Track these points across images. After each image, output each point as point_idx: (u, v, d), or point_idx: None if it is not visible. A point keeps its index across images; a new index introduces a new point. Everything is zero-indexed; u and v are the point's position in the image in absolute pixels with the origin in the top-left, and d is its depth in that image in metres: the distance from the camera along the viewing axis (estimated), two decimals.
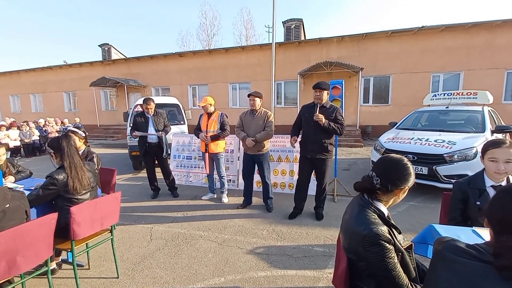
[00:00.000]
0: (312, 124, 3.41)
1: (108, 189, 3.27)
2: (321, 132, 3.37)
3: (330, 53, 12.88)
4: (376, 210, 1.26)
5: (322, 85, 3.39)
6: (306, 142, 3.55)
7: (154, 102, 4.63)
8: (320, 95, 3.41)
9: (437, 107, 5.84)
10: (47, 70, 19.41)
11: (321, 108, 3.43)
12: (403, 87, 12.19)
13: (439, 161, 4.14)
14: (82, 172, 2.23)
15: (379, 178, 1.26)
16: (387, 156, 1.35)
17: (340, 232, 1.41)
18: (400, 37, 11.93)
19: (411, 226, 3.34)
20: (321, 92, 3.39)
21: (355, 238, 1.21)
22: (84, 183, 2.22)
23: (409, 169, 1.27)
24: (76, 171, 2.19)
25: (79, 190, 2.19)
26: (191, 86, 15.90)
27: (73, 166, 2.18)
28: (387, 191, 1.26)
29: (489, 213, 0.84)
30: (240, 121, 4.01)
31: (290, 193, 4.64)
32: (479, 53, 11.18)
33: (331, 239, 3.02)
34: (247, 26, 29.88)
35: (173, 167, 5.57)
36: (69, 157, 2.19)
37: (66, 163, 2.17)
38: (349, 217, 1.32)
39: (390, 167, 1.29)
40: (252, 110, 3.90)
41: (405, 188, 1.28)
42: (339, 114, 3.40)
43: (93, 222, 2.11)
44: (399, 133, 5.19)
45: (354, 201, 1.38)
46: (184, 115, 7.22)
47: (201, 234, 3.21)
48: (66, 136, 2.30)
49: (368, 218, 1.21)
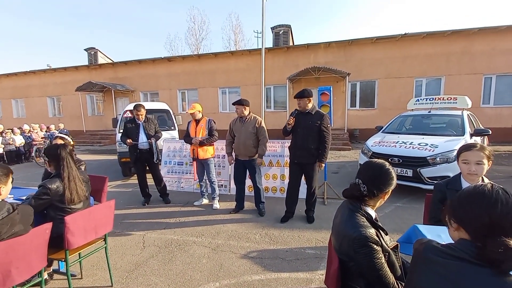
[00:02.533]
0: (300, 130, 3.52)
1: (100, 197, 3.25)
2: (309, 139, 3.48)
3: (317, 59, 13.17)
4: (364, 214, 1.35)
5: (302, 94, 3.50)
6: (295, 148, 3.66)
7: (144, 108, 4.63)
8: (302, 104, 3.53)
9: (420, 112, 6.10)
10: (30, 74, 18.85)
11: (306, 115, 3.54)
12: (388, 91, 12.60)
13: (422, 164, 4.33)
14: (79, 183, 2.23)
15: (366, 185, 1.35)
16: (370, 163, 1.44)
17: (332, 235, 1.49)
18: (384, 43, 12.36)
19: (397, 227, 3.47)
20: (301, 100, 3.51)
21: (346, 240, 1.29)
22: (81, 194, 2.23)
23: (391, 173, 1.38)
24: (74, 182, 2.19)
25: (75, 201, 2.19)
26: (180, 90, 15.84)
27: (71, 177, 2.18)
28: (373, 196, 1.36)
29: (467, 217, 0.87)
30: (230, 130, 4.07)
31: (281, 197, 4.72)
32: (458, 59, 11.73)
33: (322, 241, 3.11)
34: (236, 31, 30.09)
35: (164, 173, 5.55)
36: (68, 168, 2.18)
37: (65, 174, 2.16)
38: (340, 221, 1.40)
39: (374, 174, 1.38)
40: (241, 117, 3.98)
41: (389, 191, 1.38)
42: (325, 122, 3.47)
43: (87, 231, 2.11)
44: (385, 137, 5.38)
45: (344, 205, 1.46)
46: (174, 121, 7.21)
47: (195, 240, 3.23)
48: (64, 145, 2.29)
49: (358, 222, 1.30)
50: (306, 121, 3.52)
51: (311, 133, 3.49)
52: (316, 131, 3.47)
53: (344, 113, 12.59)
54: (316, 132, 3.47)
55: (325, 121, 3.47)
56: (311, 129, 3.48)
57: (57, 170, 2.20)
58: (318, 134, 3.47)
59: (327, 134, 3.45)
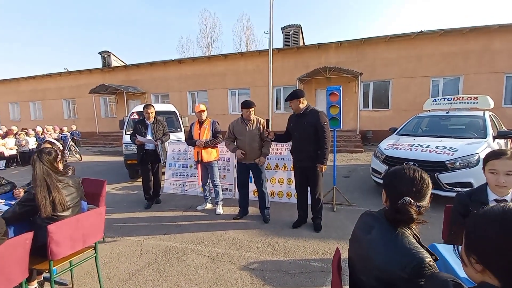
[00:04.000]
0: (296, 133, 3.37)
1: (98, 202, 3.16)
2: (306, 141, 3.29)
3: (329, 59, 12.85)
4: (414, 234, 1.07)
5: (291, 96, 3.32)
6: (295, 153, 3.50)
7: (154, 108, 4.60)
8: (293, 106, 3.37)
9: (438, 112, 5.73)
10: (47, 77, 19.46)
11: (301, 116, 3.35)
12: (402, 91, 12.12)
13: (440, 169, 4.01)
14: (55, 193, 1.98)
15: (419, 203, 1.08)
16: (414, 173, 1.13)
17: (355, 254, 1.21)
18: (398, 42, 11.91)
19: None
20: (292, 102, 3.34)
21: (397, 269, 1.00)
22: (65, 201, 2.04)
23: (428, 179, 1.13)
24: (44, 194, 1.93)
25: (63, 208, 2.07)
26: (190, 92, 15.88)
27: (40, 189, 1.92)
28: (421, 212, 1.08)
29: (496, 258, 0.65)
30: (229, 132, 3.88)
31: (288, 202, 4.52)
32: (477, 58, 11.14)
33: (329, 253, 2.88)
34: (247, 33, 30.08)
35: (168, 176, 5.46)
36: (37, 179, 1.93)
37: (33, 184, 1.94)
38: (380, 242, 1.10)
39: (422, 187, 1.10)
40: (244, 118, 3.80)
41: None
42: (321, 119, 3.21)
43: (73, 240, 1.99)
44: (399, 139, 5.07)
45: (377, 223, 1.16)
46: (181, 122, 7.13)
47: (194, 248, 3.07)
48: (40, 152, 2.05)
49: (412, 246, 1.02)
50: (300, 123, 3.33)
51: (307, 134, 3.28)
52: (313, 132, 3.24)
53: (356, 114, 12.20)
54: (313, 132, 3.25)
55: (321, 119, 3.23)
56: (307, 130, 3.27)
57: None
58: (315, 134, 3.24)
59: (325, 133, 3.19)
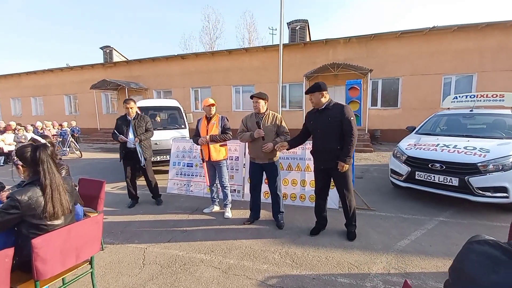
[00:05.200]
0: (319, 131, 3.01)
1: (96, 204, 2.85)
2: (331, 139, 2.93)
3: (336, 55, 12.47)
4: None
5: (313, 88, 2.96)
6: (317, 153, 3.13)
7: (135, 102, 4.33)
8: (314, 99, 3.00)
9: (460, 110, 5.36)
10: (48, 73, 19.19)
11: (323, 111, 3.00)
12: (413, 90, 11.72)
13: (472, 171, 3.65)
14: (63, 193, 1.80)
15: None
16: None
17: None
18: (409, 38, 11.49)
19: (447, 249, 2.85)
20: (313, 95, 2.98)
21: None
22: (65, 206, 1.79)
23: None
24: (58, 191, 1.76)
25: (59, 215, 1.76)
26: (193, 89, 15.54)
27: (54, 186, 1.75)
28: None
29: None
30: (243, 126, 3.55)
31: (301, 205, 4.19)
32: (493, 55, 10.72)
33: (356, 267, 2.55)
34: (250, 29, 29.66)
35: (172, 175, 5.14)
36: (49, 174, 1.75)
37: (46, 182, 1.73)
38: None
39: None
40: (257, 113, 3.46)
41: None
42: (348, 113, 2.86)
43: (64, 255, 1.67)
44: (420, 139, 4.71)
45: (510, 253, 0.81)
46: (185, 119, 6.80)
47: (203, 258, 2.75)
48: (44, 146, 1.86)
49: None
50: (324, 119, 2.97)
51: (332, 131, 2.92)
52: (338, 128, 2.89)
53: (365, 113, 11.80)
54: (338, 128, 2.90)
55: (348, 113, 2.87)
56: (332, 127, 2.92)
57: (34, 177, 1.77)
58: (341, 131, 2.90)
59: (352, 129, 2.84)
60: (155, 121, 6.87)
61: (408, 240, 3.07)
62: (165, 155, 5.98)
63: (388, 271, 2.47)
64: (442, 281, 2.31)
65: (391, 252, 2.81)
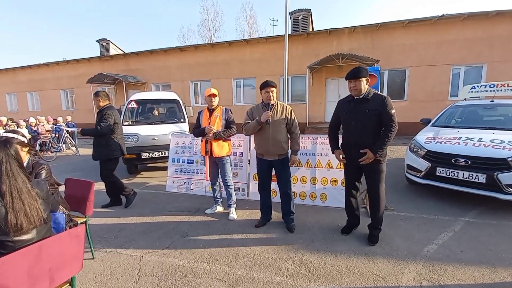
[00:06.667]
0: (353, 123, 2.65)
1: (84, 208, 2.51)
2: (367, 132, 2.59)
3: (341, 46, 12.02)
4: None
5: (357, 73, 2.59)
6: (349, 146, 2.80)
7: (104, 95, 3.96)
8: (358, 86, 2.61)
9: (480, 101, 5.00)
10: (44, 67, 18.70)
11: (361, 101, 2.64)
12: (420, 81, 11.32)
13: (501, 167, 3.30)
14: (30, 200, 1.44)
15: None
16: None
17: None
18: (417, 27, 11.04)
19: (480, 255, 2.52)
20: (356, 81, 2.60)
21: None
22: (33, 216, 1.43)
23: None
24: (21, 200, 1.40)
25: (25, 229, 1.41)
26: (192, 82, 15.12)
27: (15, 193, 1.39)
28: None
29: None
30: (248, 118, 3.17)
31: (312, 205, 3.86)
32: (503, 44, 10.31)
33: (383, 278, 2.22)
34: (250, 22, 29.08)
35: (171, 173, 4.80)
36: (9, 177, 1.41)
37: (4, 188, 1.38)
38: None
39: None
40: (266, 104, 3.09)
41: None
42: (389, 106, 2.54)
43: (34, 279, 1.33)
44: (439, 132, 4.36)
45: None
46: (184, 112, 6.43)
47: (206, 269, 2.42)
48: (5, 143, 1.52)
49: None
50: (360, 110, 2.63)
51: (369, 125, 2.60)
52: (376, 122, 2.58)
53: None
54: (376, 122, 2.58)
55: (389, 106, 2.53)
56: (369, 120, 2.59)
57: None
58: (379, 125, 2.57)
59: (392, 124, 2.51)
60: (152, 115, 6.50)
61: (436, 245, 2.74)
62: (163, 151, 5.63)
63: (420, 284, 2.14)
64: None
65: (419, 259, 2.48)
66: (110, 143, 3.87)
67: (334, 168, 3.84)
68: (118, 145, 3.96)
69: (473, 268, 2.33)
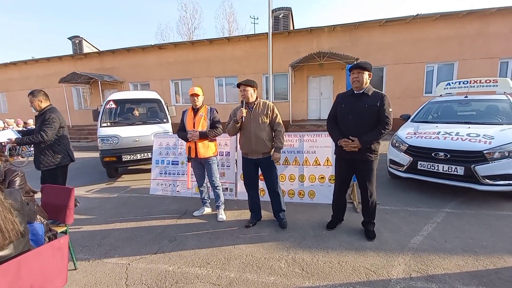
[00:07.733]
0: (351, 117, 2.67)
1: (64, 216, 2.35)
2: (363, 128, 2.62)
3: (321, 44, 12.20)
4: None
5: (363, 64, 2.62)
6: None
7: (44, 95, 3.61)
8: (360, 78, 2.62)
9: (455, 97, 5.25)
10: (11, 66, 17.47)
11: (361, 96, 2.67)
12: (396, 78, 11.74)
13: (478, 159, 3.48)
14: (4, 213, 1.29)
15: None
16: None
17: None
18: (393, 26, 11.42)
19: (464, 244, 2.64)
20: (359, 73, 2.61)
21: None
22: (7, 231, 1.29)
23: None
24: None
25: (0, 245, 1.27)
26: (173, 81, 14.73)
27: None
28: None
29: None
30: (231, 119, 3.16)
31: (300, 202, 3.87)
32: (472, 42, 10.89)
33: (374, 272, 2.26)
34: (230, 20, 28.80)
35: (155, 175, 4.64)
36: None
37: None
38: None
39: None
40: (246, 103, 3.05)
41: None
42: (387, 104, 2.59)
43: None
44: (419, 127, 4.52)
45: None
46: (166, 112, 6.24)
47: (197, 273, 2.35)
48: None
49: None
50: (359, 105, 2.65)
51: (366, 120, 2.62)
52: (373, 118, 2.61)
53: None
54: (373, 118, 2.61)
55: (387, 104, 2.59)
56: (367, 115, 2.62)
57: None
58: (375, 122, 2.61)
59: (386, 122, 2.56)
60: (133, 115, 6.25)
61: (421, 236, 2.83)
62: (146, 153, 5.43)
63: (410, 275, 2.20)
64: (470, 283, 2.08)
65: (407, 251, 2.55)
66: (56, 150, 3.46)
67: (321, 165, 3.87)
68: (66, 152, 3.59)
69: (458, 257, 2.43)
